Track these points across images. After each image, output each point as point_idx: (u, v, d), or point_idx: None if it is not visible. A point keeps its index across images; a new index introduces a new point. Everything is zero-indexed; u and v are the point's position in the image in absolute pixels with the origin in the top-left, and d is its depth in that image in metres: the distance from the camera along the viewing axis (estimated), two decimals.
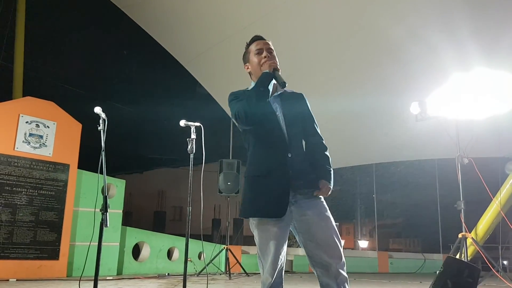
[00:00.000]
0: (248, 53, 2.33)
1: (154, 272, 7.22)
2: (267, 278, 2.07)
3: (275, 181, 2.09)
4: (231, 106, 2.21)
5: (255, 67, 2.26)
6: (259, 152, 2.17)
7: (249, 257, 9.25)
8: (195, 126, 3.48)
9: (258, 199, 2.11)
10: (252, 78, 2.32)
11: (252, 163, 2.19)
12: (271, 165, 2.11)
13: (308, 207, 2.11)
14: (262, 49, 2.26)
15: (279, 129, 2.17)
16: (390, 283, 7.48)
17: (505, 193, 7.81)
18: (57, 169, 6.22)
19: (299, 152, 2.17)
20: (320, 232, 2.07)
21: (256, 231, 2.12)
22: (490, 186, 6.52)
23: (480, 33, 6.49)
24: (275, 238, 2.06)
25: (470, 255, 7.13)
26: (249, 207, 2.15)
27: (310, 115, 2.32)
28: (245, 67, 2.37)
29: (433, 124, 6.15)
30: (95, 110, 2.70)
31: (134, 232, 7.34)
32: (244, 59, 2.37)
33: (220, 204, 18.17)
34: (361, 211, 20.45)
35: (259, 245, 2.11)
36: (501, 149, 8.58)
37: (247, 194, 2.18)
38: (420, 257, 12.49)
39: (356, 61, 7.79)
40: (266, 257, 2.07)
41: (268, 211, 2.07)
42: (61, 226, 6.13)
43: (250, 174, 2.18)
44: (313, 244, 2.08)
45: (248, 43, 2.36)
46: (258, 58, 2.25)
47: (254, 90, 2.14)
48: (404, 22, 6.81)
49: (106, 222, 2.42)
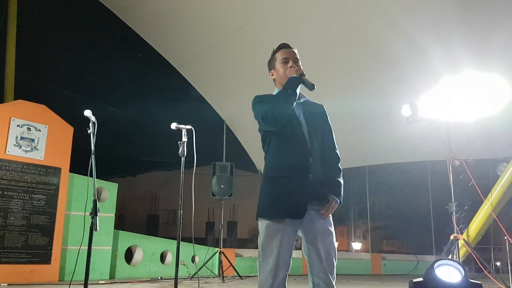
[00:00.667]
0: (274, 60, 2.35)
1: (147, 276, 7.19)
2: (267, 279, 2.07)
3: (296, 183, 2.12)
4: (256, 107, 2.24)
5: (281, 76, 2.30)
6: (281, 154, 2.20)
7: (243, 260, 9.24)
8: (186, 129, 3.48)
9: (277, 199, 2.14)
10: (277, 85, 2.36)
11: (274, 164, 2.22)
12: (293, 167, 2.15)
13: (317, 218, 2.16)
14: (288, 59, 2.29)
15: (302, 134, 2.22)
16: (383, 285, 7.50)
17: (496, 194, 7.87)
18: (48, 172, 6.19)
19: (318, 159, 2.22)
20: (323, 247, 2.13)
21: (264, 231, 2.13)
22: (481, 187, 6.56)
23: (470, 35, 6.56)
24: (281, 240, 2.08)
25: (462, 257, 7.18)
26: (267, 207, 2.16)
27: (329, 126, 2.37)
28: (269, 73, 2.40)
29: (425, 126, 6.19)
30: (84, 113, 2.69)
31: (127, 236, 7.30)
32: (269, 66, 2.40)
33: (214, 207, 18.11)
34: (354, 213, 20.50)
35: (262, 244, 2.12)
36: (492, 151, 8.65)
37: (267, 194, 2.19)
38: (413, 258, 12.54)
39: (348, 63, 7.85)
40: (268, 258, 2.08)
41: (289, 211, 2.10)
42: (53, 230, 6.09)
43: (271, 175, 2.21)
44: (315, 256, 2.13)
45: (274, 50, 2.38)
46: (284, 67, 2.28)
47: (282, 93, 2.18)
48: (396, 25, 6.87)
49: (96, 226, 2.41)
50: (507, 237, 7.23)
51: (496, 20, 6.46)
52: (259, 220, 2.18)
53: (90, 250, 2.46)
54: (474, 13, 6.42)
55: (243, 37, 7.77)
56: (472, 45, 6.59)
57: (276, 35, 7.62)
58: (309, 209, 2.15)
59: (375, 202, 18.95)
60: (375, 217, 20.59)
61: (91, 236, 2.44)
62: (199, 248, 8.35)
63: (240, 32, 7.69)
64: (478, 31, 6.64)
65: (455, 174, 5.78)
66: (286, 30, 7.41)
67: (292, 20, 7.38)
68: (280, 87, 2.30)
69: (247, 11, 7.36)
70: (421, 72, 7.15)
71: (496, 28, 6.37)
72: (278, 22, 7.46)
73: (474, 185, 5.98)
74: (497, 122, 7.30)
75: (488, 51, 6.56)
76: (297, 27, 7.38)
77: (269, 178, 2.21)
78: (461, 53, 6.54)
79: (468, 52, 6.56)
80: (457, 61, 6.42)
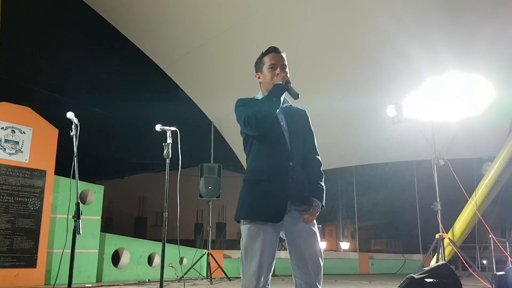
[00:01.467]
0: (262, 63, 2.36)
1: (135, 279, 7.14)
2: (251, 282, 2.06)
3: (275, 186, 2.14)
4: (239, 111, 2.25)
5: (267, 81, 2.31)
6: (262, 158, 2.22)
7: (231, 261, 9.23)
8: (171, 131, 3.47)
9: (257, 202, 2.15)
10: (262, 89, 2.38)
11: (254, 167, 2.24)
12: (273, 171, 2.17)
13: (299, 220, 2.17)
14: (276, 65, 2.30)
15: (283, 138, 2.24)
16: (371, 284, 7.55)
17: (480, 193, 7.98)
18: (33, 175, 6.12)
19: (298, 163, 2.24)
20: (306, 247, 2.14)
21: (246, 233, 2.13)
22: (465, 187, 6.65)
23: (453, 37, 6.66)
24: (263, 242, 2.08)
25: (448, 255, 7.27)
26: (247, 209, 2.17)
27: (311, 131, 2.40)
28: (256, 76, 2.41)
29: (410, 126, 6.27)
30: (67, 115, 2.67)
31: (114, 239, 7.25)
32: (256, 68, 2.40)
33: (202, 208, 18.08)
34: (342, 213, 20.62)
35: (245, 247, 2.12)
36: (476, 151, 8.77)
37: (246, 197, 2.20)
38: (401, 257, 12.65)
39: (333, 65, 7.90)
40: (250, 260, 2.08)
41: (266, 215, 2.11)
42: (38, 234, 6.02)
43: (251, 178, 2.22)
44: (298, 257, 2.14)
45: (263, 53, 2.37)
46: (271, 73, 2.29)
47: (266, 99, 2.19)
48: (380, 28, 6.95)
49: (79, 229, 2.39)
50: (492, 235, 7.35)
51: (479, 22, 6.56)
52: (241, 222, 2.19)
53: (74, 253, 2.44)
54: (457, 15, 6.51)
55: (230, 39, 7.78)
56: (455, 46, 6.68)
57: (262, 37, 7.65)
58: (292, 210, 2.16)
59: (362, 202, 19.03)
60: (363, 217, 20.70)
61: (74, 239, 2.42)
62: (187, 250, 8.32)
63: (227, 33, 7.69)
64: (461, 33, 6.74)
65: (440, 174, 5.86)
66: (273, 32, 7.44)
67: (279, 22, 7.41)
68: (265, 91, 2.32)
69: (233, 13, 7.37)
70: (406, 73, 7.24)
71: (479, 30, 6.47)
72: (265, 24, 7.48)
73: (459, 184, 6.07)
74: (481, 121, 7.42)
75: (471, 52, 6.67)
76: (283, 29, 7.41)
77: (249, 181, 2.22)
78: (444, 55, 6.64)
79: (451, 54, 6.66)
80: (441, 62, 6.52)
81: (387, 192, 19.63)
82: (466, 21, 6.60)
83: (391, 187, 18.24)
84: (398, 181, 16.01)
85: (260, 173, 2.19)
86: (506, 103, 8.01)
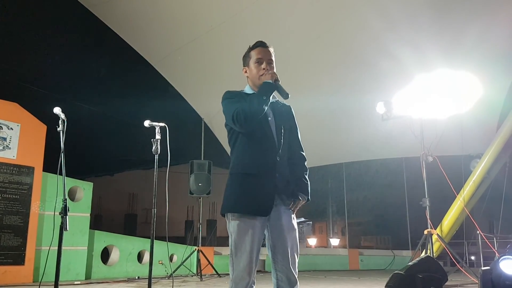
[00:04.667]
0: (249, 58, 2.36)
1: (124, 276, 7.11)
2: (243, 278, 2.07)
3: (263, 181, 2.16)
4: (226, 105, 2.25)
5: (253, 76, 2.32)
6: (250, 152, 2.22)
7: (221, 258, 9.23)
8: (160, 127, 3.45)
9: (244, 196, 2.15)
10: (249, 83, 2.38)
11: (241, 161, 2.23)
12: (261, 165, 2.18)
13: (283, 214, 2.20)
14: (262, 60, 2.29)
15: (270, 133, 2.25)
16: (360, 280, 7.61)
17: (468, 190, 8.07)
18: (21, 172, 6.05)
19: (284, 158, 2.27)
20: (287, 242, 2.18)
21: (235, 228, 2.13)
22: (454, 183, 6.72)
23: (442, 35, 6.71)
24: (253, 236, 2.10)
25: (436, 251, 7.34)
26: (234, 203, 2.17)
27: (296, 127, 2.42)
28: (243, 70, 2.41)
29: (399, 123, 6.31)
30: (54, 111, 2.64)
31: (103, 236, 7.21)
32: (244, 62, 2.40)
33: (193, 205, 18.04)
34: (332, 210, 20.72)
35: (235, 242, 2.12)
36: (464, 148, 8.86)
37: (232, 191, 2.21)
38: (390, 254, 12.76)
39: (323, 62, 7.92)
40: (241, 255, 2.08)
41: (255, 208, 2.13)
42: (26, 231, 5.96)
43: (238, 171, 2.22)
44: (281, 251, 2.17)
45: (250, 47, 2.37)
46: (257, 68, 2.29)
47: (256, 97, 2.18)
48: (369, 25, 6.99)
49: (66, 226, 2.37)
50: (479, 232, 7.43)
51: (466, 20, 6.62)
52: (228, 218, 2.19)
53: (61, 250, 2.42)
54: (445, 13, 6.57)
55: (220, 35, 7.75)
56: (443, 44, 6.74)
57: (252, 33, 7.63)
58: (278, 205, 2.19)
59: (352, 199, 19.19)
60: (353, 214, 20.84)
61: (61, 236, 2.40)
62: (177, 247, 8.31)
63: (217, 29, 7.67)
64: (448, 31, 6.80)
65: (429, 170, 5.91)
66: (262, 28, 7.44)
67: (268, 18, 7.40)
68: (252, 85, 2.33)
69: (223, 9, 7.35)
70: (395, 71, 7.29)
71: (466, 28, 6.54)
72: (254, 20, 7.47)
73: (447, 180, 6.12)
74: (469, 118, 7.49)
75: (458, 49, 6.73)
76: (273, 26, 7.41)
77: (236, 175, 2.22)
78: (433, 52, 6.69)
79: (439, 51, 6.71)
80: (429, 60, 6.57)
81: (377, 189, 19.76)
82: (454, 19, 6.66)
83: (380, 184, 18.37)
84: (387, 177, 16.13)
85: (248, 167, 2.19)
86: (494, 99, 8.11)
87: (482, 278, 3.75)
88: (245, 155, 2.23)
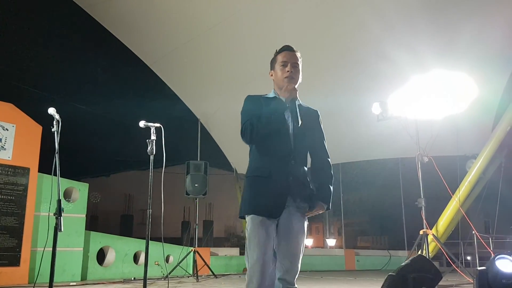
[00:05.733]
0: (275, 61, 2.38)
1: (120, 277, 7.09)
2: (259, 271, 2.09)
3: (275, 183, 2.18)
4: (242, 113, 2.28)
5: (278, 79, 2.34)
6: (263, 155, 2.25)
7: (218, 259, 9.23)
8: (155, 127, 3.44)
9: (256, 198, 2.19)
10: (274, 87, 2.40)
11: (255, 164, 2.27)
12: (273, 168, 2.20)
13: (295, 217, 2.21)
14: (287, 63, 2.32)
15: (287, 137, 2.26)
16: (356, 280, 7.62)
17: (464, 190, 8.10)
18: (16, 173, 6.03)
19: (301, 162, 2.27)
20: (294, 245, 2.19)
21: (249, 228, 2.18)
22: (450, 184, 6.75)
23: (437, 36, 6.75)
24: (266, 236, 2.13)
25: (432, 251, 7.36)
26: (248, 206, 2.21)
27: (321, 132, 2.42)
28: (269, 74, 2.43)
29: (394, 124, 6.32)
30: (49, 111, 2.63)
31: (99, 237, 7.19)
32: (271, 66, 2.43)
33: (189, 206, 18.04)
34: (329, 211, 20.75)
35: (249, 240, 2.16)
36: (460, 148, 8.90)
37: (247, 194, 2.25)
38: (386, 254, 12.78)
39: (319, 63, 7.93)
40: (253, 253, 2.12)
41: (266, 210, 2.16)
42: (22, 232, 5.93)
43: (252, 174, 2.26)
44: (284, 251, 2.18)
45: (277, 51, 2.40)
46: (282, 70, 2.32)
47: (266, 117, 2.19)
48: (365, 27, 7.01)
49: (60, 226, 2.37)
50: (475, 232, 7.46)
51: (461, 21, 6.65)
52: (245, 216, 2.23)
53: (55, 250, 2.41)
54: (440, 15, 6.60)
55: (217, 35, 7.76)
56: (439, 44, 6.77)
57: (247, 34, 7.65)
58: (290, 206, 2.20)
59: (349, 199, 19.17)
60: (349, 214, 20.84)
61: (56, 237, 2.39)
62: (173, 247, 8.29)
63: (213, 30, 7.67)
64: (444, 32, 6.83)
65: (424, 171, 5.92)
66: (259, 29, 7.45)
67: (265, 19, 7.41)
68: (277, 89, 2.36)
69: (220, 10, 7.36)
70: (390, 71, 7.31)
71: (461, 28, 6.57)
72: (250, 21, 7.48)
73: (443, 181, 6.14)
74: (464, 119, 7.52)
75: (453, 50, 6.76)
76: (269, 26, 7.42)
77: (250, 177, 2.27)
78: (428, 53, 6.72)
79: (435, 52, 6.74)
80: (425, 60, 6.59)
81: (373, 189, 19.81)
82: (449, 20, 6.69)
83: (376, 184, 18.41)
84: (383, 178, 16.17)
85: (261, 169, 2.23)
86: (489, 100, 8.15)
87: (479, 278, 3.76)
88: (259, 159, 2.26)
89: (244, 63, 7.92)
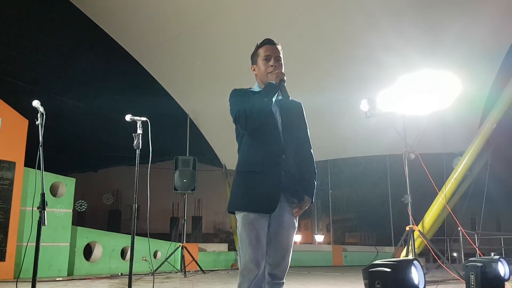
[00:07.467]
0: (257, 56, 2.34)
1: (107, 272, 7.06)
2: (251, 270, 2.09)
3: (268, 178, 2.16)
4: (232, 104, 2.25)
5: (261, 73, 2.30)
6: (254, 150, 2.23)
7: (206, 255, 9.23)
8: (142, 121, 3.41)
9: (249, 193, 2.17)
10: (257, 81, 2.37)
11: (246, 159, 2.24)
12: (265, 163, 2.18)
13: (287, 211, 2.21)
14: (270, 57, 2.28)
15: (276, 130, 2.24)
16: (343, 276, 7.68)
17: (450, 187, 8.17)
18: (2, 167, 5.95)
19: (291, 156, 2.25)
20: (284, 239, 2.20)
21: (240, 224, 2.16)
22: (436, 180, 6.81)
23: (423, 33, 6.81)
24: (258, 231, 2.12)
25: (418, 247, 7.43)
26: (240, 200, 2.19)
27: (305, 124, 2.40)
28: (251, 68, 2.40)
29: (382, 120, 6.37)
30: (33, 104, 2.60)
31: (86, 232, 7.15)
32: (252, 60, 2.39)
33: (178, 202, 17.98)
34: (317, 207, 20.84)
35: (241, 236, 2.15)
36: (446, 145, 8.99)
37: (238, 188, 2.22)
38: (373, 250, 12.90)
39: (308, 59, 7.96)
40: (246, 248, 2.11)
41: (259, 206, 2.14)
42: (7, 226, 5.87)
43: (243, 170, 2.23)
44: (276, 246, 2.18)
45: (258, 45, 2.36)
46: (265, 65, 2.28)
47: (258, 98, 2.17)
48: (354, 24, 7.03)
49: (44, 220, 2.34)
50: (461, 228, 7.55)
51: (447, 20, 6.71)
52: (236, 213, 2.21)
53: (39, 245, 2.38)
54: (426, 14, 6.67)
55: (205, 31, 7.72)
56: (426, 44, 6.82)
57: (236, 29, 7.62)
58: (282, 201, 2.19)
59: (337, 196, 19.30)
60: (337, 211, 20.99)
61: (39, 231, 2.36)
62: (161, 243, 8.27)
63: (202, 25, 7.63)
64: (430, 29, 6.89)
65: (411, 168, 5.98)
66: (249, 24, 7.43)
67: (255, 14, 7.39)
68: (260, 83, 2.33)
69: (208, 5, 7.32)
70: (378, 68, 7.35)
71: (448, 27, 6.63)
72: (241, 16, 7.46)
73: (429, 177, 6.20)
74: (451, 116, 7.60)
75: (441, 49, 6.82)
76: (259, 22, 7.41)
77: (242, 173, 2.24)
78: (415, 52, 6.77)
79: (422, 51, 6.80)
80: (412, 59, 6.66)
81: (361, 186, 19.95)
82: (435, 19, 6.75)
83: (365, 181, 18.54)
84: (371, 174, 16.29)
85: (253, 165, 2.21)
86: (476, 97, 8.24)
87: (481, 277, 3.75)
88: (250, 154, 2.24)
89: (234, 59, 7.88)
